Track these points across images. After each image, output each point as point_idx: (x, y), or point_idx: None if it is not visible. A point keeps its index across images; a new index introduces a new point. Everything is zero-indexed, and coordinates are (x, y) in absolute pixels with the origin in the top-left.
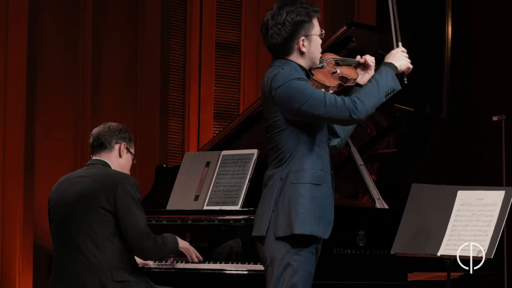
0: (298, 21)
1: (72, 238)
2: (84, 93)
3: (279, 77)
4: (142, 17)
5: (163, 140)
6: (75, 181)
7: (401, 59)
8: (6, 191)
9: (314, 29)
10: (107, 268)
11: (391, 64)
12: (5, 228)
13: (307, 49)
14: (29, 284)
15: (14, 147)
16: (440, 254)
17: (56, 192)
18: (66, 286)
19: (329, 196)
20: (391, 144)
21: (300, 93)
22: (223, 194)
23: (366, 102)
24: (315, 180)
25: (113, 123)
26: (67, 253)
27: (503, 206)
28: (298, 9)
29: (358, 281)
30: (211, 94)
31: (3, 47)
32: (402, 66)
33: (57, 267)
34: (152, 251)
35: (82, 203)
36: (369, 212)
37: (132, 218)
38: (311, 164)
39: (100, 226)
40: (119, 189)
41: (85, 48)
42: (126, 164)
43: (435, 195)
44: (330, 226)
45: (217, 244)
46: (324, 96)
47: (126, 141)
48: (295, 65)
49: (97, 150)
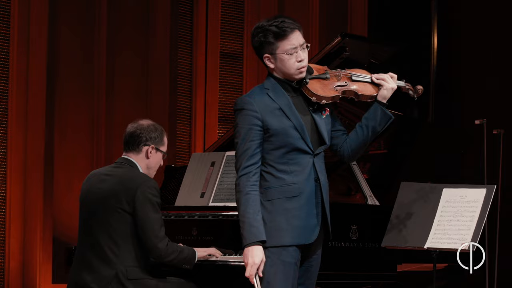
0: (260, 42)
1: (93, 232)
2: (99, 99)
3: (234, 105)
4: (153, 30)
5: (172, 142)
6: (102, 179)
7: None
8: (28, 188)
9: (279, 48)
10: (123, 265)
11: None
12: (27, 223)
13: (275, 65)
14: (49, 275)
15: (35, 148)
16: (426, 246)
17: (85, 185)
18: (85, 275)
19: (309, 204)
20: (382, 145)
21: (236, 130)
22: (227, 191)
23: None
24: (289, 193)
25: (145, 122)
26: (88, 246)
27: (484, 202)
28: (266, 30)
29: (351, 272)
30: (216, 99)
31: (25, 58)
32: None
33: (79, 257)
34: (164, 252)
35: (104, 202)
36: (361, 208)
37: (148, 221)
38: (280, 181)
39: (119, 226)
40: (138, 192)
41: (100, 59)
42: (154, 163)
43: (422, 192)
44: (314, 231)
45: (221, 238)
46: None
47: (155, 141)
48: (270, 79)
49: (127, 149)
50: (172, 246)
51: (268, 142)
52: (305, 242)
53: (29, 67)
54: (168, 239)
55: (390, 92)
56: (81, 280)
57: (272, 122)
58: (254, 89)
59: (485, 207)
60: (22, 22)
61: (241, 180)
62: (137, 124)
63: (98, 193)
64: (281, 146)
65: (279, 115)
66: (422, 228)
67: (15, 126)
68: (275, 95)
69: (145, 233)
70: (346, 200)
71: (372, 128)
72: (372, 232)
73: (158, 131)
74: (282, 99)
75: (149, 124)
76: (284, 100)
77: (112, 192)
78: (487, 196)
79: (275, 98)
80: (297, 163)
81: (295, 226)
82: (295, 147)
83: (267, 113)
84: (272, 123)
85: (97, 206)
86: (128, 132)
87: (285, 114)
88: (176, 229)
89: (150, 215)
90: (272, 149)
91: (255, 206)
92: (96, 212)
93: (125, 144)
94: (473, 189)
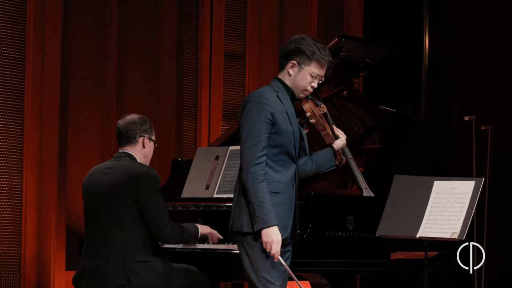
0: (298, 49)
1: (101, 221)
2: (110, 97)
3: (246, 98)
4: (160, 32)
5: (178, 137)
6: (105, 172)
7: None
8: (43, 181)
9: (308, 66)
10: (131, 249)
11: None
12: (42, 214)
13: (293, 75)
14: (62, 262)
15: (49, 143)
16: (418, 236)
17: (88, 181)
18: (95, 262)
19: (287, 205)
20: (377, 140)
21: (244, 121)
22: (230, 184)
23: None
24: (273, 189)
25: (135, 116)
26: (97, 234)
27: (473, 194)
28: (310, 45)
29: (347, 259)
30: (220, 97)
31: (39, 58)
32: (341, 145)
33: (88, 246)
34: (170, 236)
35: (110, 192)
36: (357, 199)
37: (153, 207)
38: (267, 175)
39: (126, 213)
40: (142, 180)
41: (111, 59)
42: (149, 151)
43: (414, 185)
44: (287, 229)
45: (225, 227)
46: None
47: (147, 132)
48: (278, 84)
49: (123, 143)
50: (176, 228)
51: (269, 138)
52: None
53: (44, 67)
54: (172, 222)
55: (341, 145)
56: (91, 265)
57: (281, 121)
58: (264, 88)
59: (474, 198)
60: (37, 24)
61: (256, 169)
62: (128, 119)
63: (102, 185)
64: (278, 145)
65: (285, 118)
66: (415, 218)
67: (30, 122)
68: (283, 99)
69: (151, 219)
70: (343, 192)
71: (318, 164)
72: (367, 222)
73: (148, 123)
74: (288, 105)
75: (139, 117)
76: (289, 106)
77: (117, 182)
78: (476, 188)
79: (283, 102)
80: (284, 165)
81: (285, 223)
82: (288, 151)
83: (278, 112)
84: (280, 122)
85: (103, 196)
86: (121, 127)
87: (288, 119)
88: (182, 219)
89: (155, 202)
90: (270, 145)
91: (268, 193)
92: (102, 202)
93: (120, 139)
94: (462, 181)
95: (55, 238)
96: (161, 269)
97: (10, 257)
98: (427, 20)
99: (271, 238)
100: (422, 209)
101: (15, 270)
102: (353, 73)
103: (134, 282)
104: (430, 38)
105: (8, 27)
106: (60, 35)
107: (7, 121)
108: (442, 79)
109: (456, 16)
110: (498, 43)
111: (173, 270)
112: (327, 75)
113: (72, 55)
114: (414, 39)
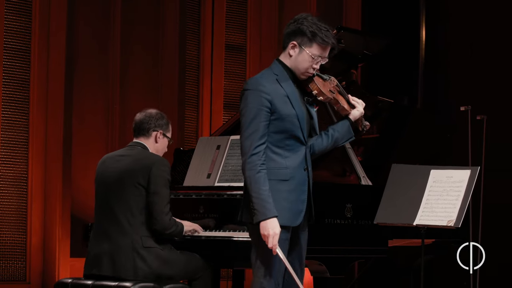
0: (300, 29)
1: (111, 206)
2: (113, 88)
3: (244, 86)
4: (163, 24)
5: (181, 127)
6: (118, 159)
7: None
8: (48, 170)
9: (309, 48)
10: (138, 235)
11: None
12: (47, 202)
13: (294, 56)
14: (67, 249)
15: (54, 133)
16: (415, 223)
17: (100, 167)
18: (103, 245)
19: (298, 190)
20: (375, 130)
21: (242, 110)
22: (231, 173)
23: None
24: (281, 176)
25: (153, 111)
26: (106, 219)
27: (469, 183)
28: (312, 26)
29: (346, 247)
30: (221, 88)
31: (45, 50)
32: (358, 115)
33: (97, 230)
34: (168, 224)
35: (122, 178)
36: (355, 188)
37: (160, 195)
38: (274, 163)
39: (135, 199)
40: (154, 168)
41: (115, 51)
42: (161, 147)
43: (411, 173)
44: (300, 215)
45: (226, 215)
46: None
47: (162, 128)
48: (278, 66)
49: (137, 134)
50: (172, 221)
51: (271, 125)
52: (291, 224)
53: (50, 59)
54: (171, 215)
55: (359, 115)
56: (99, 250)
57: (281, 107)
58: (263, 72)
59: (470, 187)
60: (43, 18)
61: (252, 159)
62: (146, 112)
63: (115, 171)
64: (282, 131)
65: (285, 102)
66: (412, 207)
67: (36, 112)
68: (283, 82)
69: (154, 206)
70: (341, 180)
71: (335, 139)
72: (365, 210)
73: (165, 119)
74: (289, 87)
75: (157, 113)
76: (290, 88)
77: (129, 169)
78: (471, 176)
79: (283, 85)
80: (292, 150)
81: (284, 207)
82: (294, 135)
83: (276, 97)
84: (280, 108)
85: (115, 183)
86: (138, 119)
87: (290, 102)
88: (184, 207)
89: (162, 191)
90: (272, 131)
91: (266, 183)
92: (114, 188)
93: (135, 130)
94: (458, 170)
95: (60, 225)
96: (166, 256)
97: (16, 245)
98: (424, 13)
99: (268, 231)
100: (419, 197)
101: (21, 257)
102: (351, 64)
103: (141, 268)
104: (426, 30)
105: (14, 20)
106: (65, 28)
107: (13, 112)
108: (439, 70)
109: (453, 9)
110: (494, 36)
111: (177, 257)
112: (332, 55)
113: (77, 47)
114: (411, 31)
